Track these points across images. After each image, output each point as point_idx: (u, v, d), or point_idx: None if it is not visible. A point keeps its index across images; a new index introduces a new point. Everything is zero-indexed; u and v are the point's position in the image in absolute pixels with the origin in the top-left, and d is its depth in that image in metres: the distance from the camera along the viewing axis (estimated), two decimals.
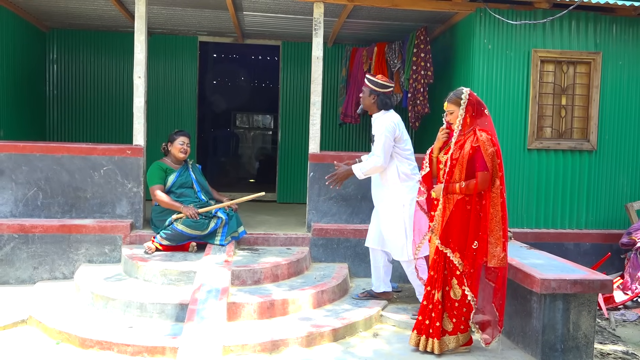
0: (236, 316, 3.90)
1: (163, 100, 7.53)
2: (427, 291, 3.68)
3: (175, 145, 5.05)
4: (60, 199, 5.05)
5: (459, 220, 3.54)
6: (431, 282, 3.66)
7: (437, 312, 3.59)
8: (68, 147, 5.10)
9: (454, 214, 3.55)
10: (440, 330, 3.59)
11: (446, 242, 3.58)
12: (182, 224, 4.75)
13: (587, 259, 5.33)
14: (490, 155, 3.45)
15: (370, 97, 4.30)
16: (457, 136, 3.57)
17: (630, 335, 4.32)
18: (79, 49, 7.44)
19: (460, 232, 3.54)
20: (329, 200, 5.29)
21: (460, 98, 3.55)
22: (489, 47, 5.41)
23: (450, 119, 3.64)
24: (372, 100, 4.29)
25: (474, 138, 3.50)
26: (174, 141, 5.07)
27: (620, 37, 5.57)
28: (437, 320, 3.59)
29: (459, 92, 3.59)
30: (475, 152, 3.48)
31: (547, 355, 3.65)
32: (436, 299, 3.60)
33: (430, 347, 3.61)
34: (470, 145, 3.49)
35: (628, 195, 5.68)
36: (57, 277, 4.85)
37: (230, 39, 7.63)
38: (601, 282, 3.70)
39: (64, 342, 3.60)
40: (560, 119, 5.55)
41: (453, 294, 3.59)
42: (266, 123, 12.07)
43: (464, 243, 3.54)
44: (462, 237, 3.54)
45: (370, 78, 4.35)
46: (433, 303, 3.61)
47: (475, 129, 3.52)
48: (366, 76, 4.41)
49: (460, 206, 3.54)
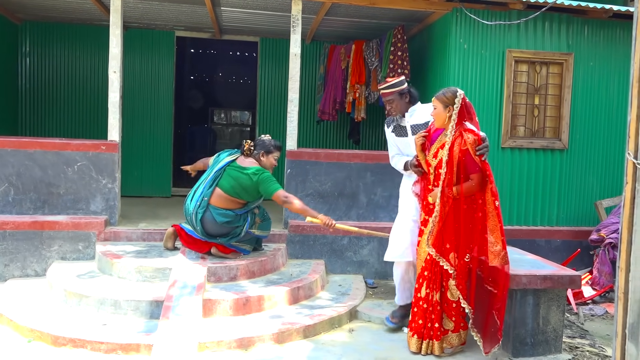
0: (212, 313, 3.89)
1: (139, 96, 7.45)
2: (425, 293, 3.60)
3: (271, 159, 4.59)
4: (32, 194, 4.97)
5: (454, 221, 3.52)
6: (429, 283, 3.60)
7: (437, 313, 3.57)
8: (41, 142, 5.01)
9: (450, 215, 3.52)
10: (439, 331, 3.57)
11: (440, 247, 3.54)
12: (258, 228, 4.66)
13: (558, 255, 5.46)
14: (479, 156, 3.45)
15: (402, 98, 4.02)
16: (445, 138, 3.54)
17: (598, 329, 4.44)
18: (53, 42, 7.30)
19: (457, 231, 3.52)
20: (306, 197, 5.30)
21: (449, 98, 3.51)
22: (464, 46, 5.48)
23: (433, 114, 3.62)
24: (406, 99, 4.04)
25: (462, 141, 3.47)
26: (270, 153, 4.58)
27: (591, 39, 5.70)
28: (436, 321, 3.57)
29: (449, 93, 3.53)
30: (465, 155, 3.47)
31: (517, 350, 3.73)
32: (435, 300, 3.56)
33: (431, 350, 3.58)
34: (459, 149, 3.47)
35: (597, 193, 5.82)
36: (29, 275, 4.77)
37: (207, 34, 7.58)
38: (570, 277, 3.80)
39: (36, 340, 3.55)
40: (534, 118, 5.66)
41: (450, 294, 3.56)
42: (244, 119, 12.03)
43: (459, 243, 3.52)
44: (458, 237, 3.52)
45: (387, 85, 4.05)
46: (432, 305, 3.57)
47: (462, 130, 3.50)
48: (381, 87, 4.09)
49: (455, 206, 3.52)
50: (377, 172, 5.37)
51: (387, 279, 5.17)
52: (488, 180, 3.50)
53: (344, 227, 4.43)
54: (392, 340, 3.84)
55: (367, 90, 6.55)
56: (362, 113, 6.61)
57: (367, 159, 5.39)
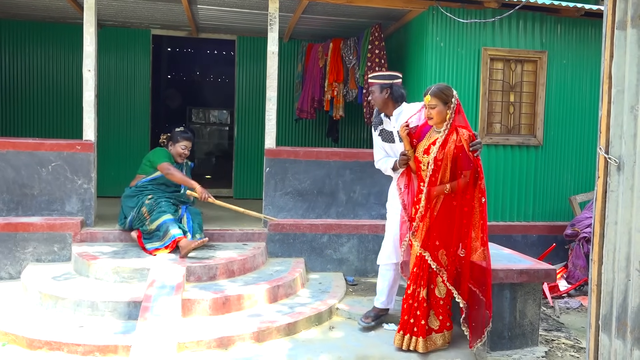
0: (191, 312, 3.86)
1: (115, 95, 7.34)
2: (412, 289, 3.61)
3: (177, 148, 4.93)
4: (5, 196, 4.86)
5: (445, 217, 3.53)
6: (416, 279, 3.60)
7: (423, 310, 3.56)
8: (13, 142, 4.91)
9: (440, 211, 3.54)
10: (425, 329, 3.56)
11: (428, 244, 3.55)
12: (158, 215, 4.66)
13: (534, 250, 5.55)
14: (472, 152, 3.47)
15: (382, 92, 3.93)
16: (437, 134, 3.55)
17: (574, 321, 4.53)
18: (26, 41, 7.15)
19: (448, 228, 3.52)
20: (285, 195, 5.30)
21: (448, 95, 3.50)
22: (441, 44, 5.54)
23: (430, 113, 3.55)
24: (385, 95, 3.93)
25: (457, 137, 3.48)
26: (176, 142, 4.93)
27: (564, 37, 5.80)
28: (422, 318, 3.56)
29: (447, 89, 3.53)
30: (460, 151, 3.47)
31: (495, 343, 3.78)
32: (421, 297, 3.56)
33: (414, 346, 3.57)
34: (455, 145, 3.47)
35: (572, 188, 5.93)
36: (3, 277, 4.67)
37: (184, 32, 7.51)
38: (545, 271, 3.86)
39: (11, 344, 3.48)
40: (509, 115, 5.74)
41: (438, 291, 3.57)
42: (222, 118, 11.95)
43: (450, 239, 3.52)
44: (449, 233, 3.52)
45: (374, 75, 4.02)
46: (419, 301, 3.57)
47: (455, 126, 3.51)
48: (369, 76, 4.09)
49: (446, 202, 3.53)
50: (356, 170, 5.39)
51: (367, 276, 5.20)
52: (478, 176, 3.52)
53: (219, 203, 4.89)
54: (372, 337, 3.86)
55: (345, 88, 6.56)
56: (340, 111, 6.63)
57: (346, 157, 5.41)
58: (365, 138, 7.87)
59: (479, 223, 3.53)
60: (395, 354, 3.59)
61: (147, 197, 4.77)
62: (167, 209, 4.68)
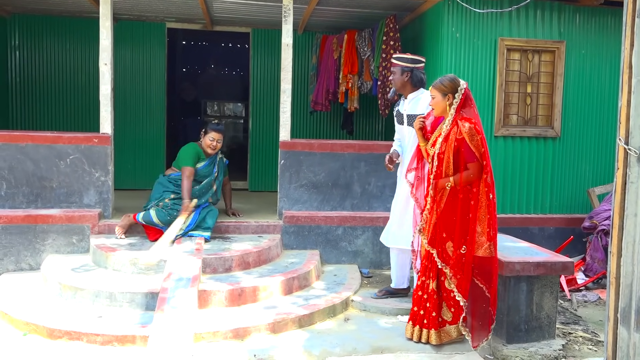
0: (207, 304, 3.90)
1: (131, 88, 7.40)
2: (421, 281, 3.63)
3: (206, 140, 5.00)
4: (24, 188, 4.94)
5: (451, 210, 3.51)
6: (425, 271, 3.62)
7: (433, 302, 3.55)
8: (32, 135, 4.98)
9: (447, 204, 3.52)
10: (437, 320, 3.55)
11: (435, 236, 3.56)
12: (156, 215, 4.73)
13: (551, 243, 5.49)
14: (475, 145, 3.43)
15: (403, 75, 4.13)
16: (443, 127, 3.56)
17: (591, 315, 4.48)
18: (43, 35, 7.23)
19: (453, 221, 3.51)
20: (300, 187, 5.31)
21: (447, 87, 3.51)
22: (456, 35, 5.48)
23: (431, 104, 3.64)
24: (405, 78, 4.12)
25: (457, 130, 3.47)
26: (206, 133, 5.03)
27: (583, 27, 5.70)
28: (432, 310, 3.55)
29: (447, 81, 3.53)
30: (461, 144, 3.45)
31: (511, 336, 3.76)
32: (431, 288, 3.56)
33: (426, 338, 3.56)
34: (455, 138, 3.47)
35: (590, 180, 5.85)
36: (23, 269, 4.76)
37: (199, 25, 7.53)
38: (563, 264, 3.83)
39: (32, 333, 3.55)
40: (526, 107, 5.67)
41: (448, 283, 3.54)
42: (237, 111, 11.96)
43: (455, 232, 3.51)
44: (455, 226, 3.51)
45: (397, 56, 4.20)
46: (428, 293, 3.57)
47: (457, 119, 3.49)
48: (393, 56, 4.27)
49: (452, 195, 3.52)
50: (371, 162, 5.37)
51: (382, 268, 5.19)
52: (483, 170, 3.47)
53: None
54: (387, 329, 3.86)
55: (359, 80, 6.53)
56: (355, 103, 6.60)
57: (360, 149, 5.39)
58: (380, 130, 7.84)
59: (486, 217, 3.47)
60: (410, 346, 3.59)
61: (169, 196, 4.83)
62: (175, 218, 4.71)
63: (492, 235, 3.48)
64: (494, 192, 3.50)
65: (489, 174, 3.49)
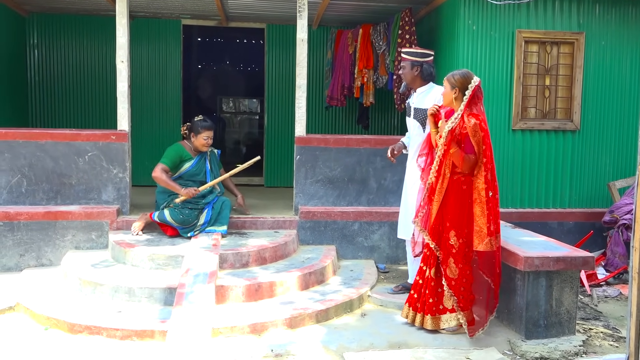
0: (224, 299, 3.92)
1: (147, 85, 7.46)
2: (420, 268, 3.77)
3: (200, 140, 4.86)
4: (44, 185, 5.01)
5: (454, 200, 3.60)
6: (425, 259, 3.74)
7: (430, 288, 3.66)
8: (51, 133, 5.05)
9: (450, 194, 3.60)
10: (433, 307, 3.65)
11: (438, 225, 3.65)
12: (170, 215, 4.74)
13: (571, 237, 5.42)
14: (476, 141, 3.50)
15: (412, 69, 4.15)
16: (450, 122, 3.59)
17: (612, 310, 4.42)
18: (60, 34, 7.32)
19: (458, 211, 3.59)
20: (316, 183, 5.30)
21: (457, 81, 3.58)
22: (473, 28, 5.42)
23: (442, 93, 3.74)
24: (415, 72, 4.15)
25: (463, 124, 3.54)
26: (198, 133, 4.85)
27: (603, 18, 5.60)
28: (430, 296, 3.66)
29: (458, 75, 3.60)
30: (464, 138, 3.54)
31: (530, 332, 3.72)
32: (427, 275, 3.68)
33: (420, 322, 3.69)
34: (460, 132, 3.55)
35: (610, 174, 5.76)
36: (44, 264, 4.83)
37: (214, 22, 7.55)
38: (583, 259, 3.78)
39: (53, 328, 3.61)
40: (544, 99, 5.60)
41: (450, 271, 3.61)
42: (252, 107, 12.01)
43: (458, 222, 3.59)
44: (459, 216, 3.59)
45: (407, 50, 4.21)
46: (424, 279, 3.70)
47: (464, 115, 3.55)
48: (402, 50, 4.28)
49: (456, 186, 3.59)
50: (386, 157, 5.33)
51: (399, 263, 5.18)
52: (483, 167, 3.52)
53: (211, 183, 4.91)
54: (404, 325, 3.84)
55: (375, 74, 6.50)
56: (370, 98, 6.58)
57: (376, 143, 5.37)
58: (396, 125, 7.79)
59: (485, 214, 3.51)
60: (428, 341, 3.58)
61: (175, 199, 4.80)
62: (188, 217, 4.74)
63: (493, 230, 3.53)
64: (494, 189, 3.56)
65: (489, 171, 3.54)
